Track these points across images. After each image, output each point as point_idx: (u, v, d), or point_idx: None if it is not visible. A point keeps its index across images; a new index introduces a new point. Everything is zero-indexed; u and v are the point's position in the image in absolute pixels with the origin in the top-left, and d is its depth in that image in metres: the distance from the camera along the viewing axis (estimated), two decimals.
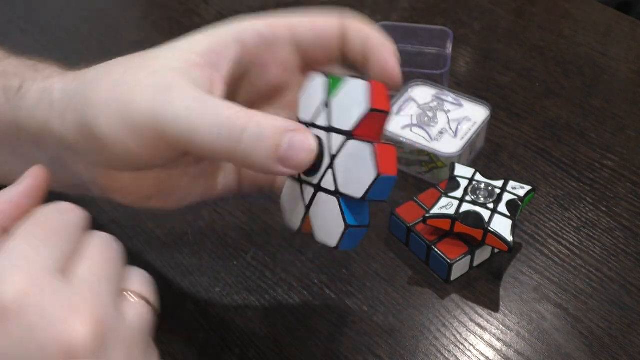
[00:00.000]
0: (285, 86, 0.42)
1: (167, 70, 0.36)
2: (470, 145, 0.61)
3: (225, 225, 0.57)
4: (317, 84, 0.37)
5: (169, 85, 0.35)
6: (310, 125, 0.37)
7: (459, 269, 0.53)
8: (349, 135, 0.34)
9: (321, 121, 0.36)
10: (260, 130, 0.33)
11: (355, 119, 0.34)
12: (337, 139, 0.35)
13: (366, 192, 0.34)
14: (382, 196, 0.34)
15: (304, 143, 0.34)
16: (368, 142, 0.34)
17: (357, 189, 0.34)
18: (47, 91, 0.39)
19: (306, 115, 0.37)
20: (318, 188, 0.36)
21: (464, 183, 0.54)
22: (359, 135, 0.34)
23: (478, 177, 0.55)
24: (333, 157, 0.35)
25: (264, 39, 0.39)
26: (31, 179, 0.34)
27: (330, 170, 0.35)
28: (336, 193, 0.35)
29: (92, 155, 0.38)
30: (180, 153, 0.37)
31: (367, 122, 0.34)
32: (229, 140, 0.33)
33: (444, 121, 0.62)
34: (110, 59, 0.38)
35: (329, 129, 0.36)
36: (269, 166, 0.33)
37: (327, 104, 0.36)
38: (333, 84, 0.36)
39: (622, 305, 0.52)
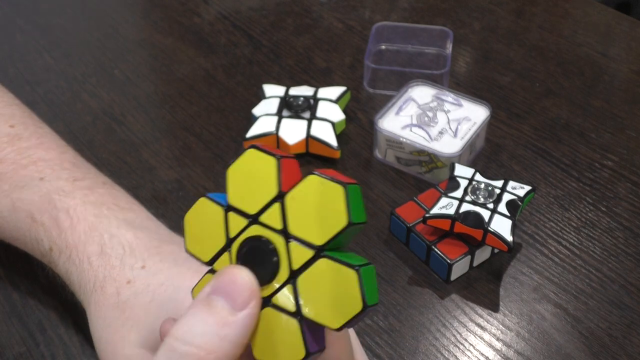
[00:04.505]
0: None
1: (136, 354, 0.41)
2: (470, 145, 0.61)
3: None
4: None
5: None
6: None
7: (459, 269, 0.53)
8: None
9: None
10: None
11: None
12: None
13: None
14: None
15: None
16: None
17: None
18: (68, 276, 0.45)
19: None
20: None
21: (463, 183, 0.54)
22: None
23: (478, 177, 0.55)
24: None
25: None
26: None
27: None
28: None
29: None
30: None
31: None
32: None
33: (444, 121, 0.62)
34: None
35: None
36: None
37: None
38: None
39: (622, 305, 0.52)
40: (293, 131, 0.62)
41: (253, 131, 0.62)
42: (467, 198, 0.53)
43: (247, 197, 0.31)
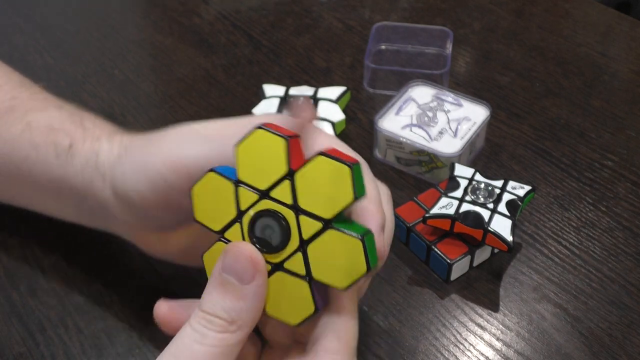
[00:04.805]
0: None
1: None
2: (470, 145, 0.61)
3: None
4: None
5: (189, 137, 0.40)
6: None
7: (459, 269, 0.53)
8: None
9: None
10: None
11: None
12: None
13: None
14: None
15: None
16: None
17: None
18: (95, 153, 0.44)
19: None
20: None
21: (463, 183, 0.54)
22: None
23: (478, 177, 0.55)
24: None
25: None
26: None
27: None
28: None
29: (123, 215, 0.43)
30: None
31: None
32: None
33: (443, 121, 0.62)
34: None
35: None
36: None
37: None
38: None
39: (622, 305, 0.52)
40: None
41: None
42: (467, 198, 0.53)
43: (256, 174, 0.35)
